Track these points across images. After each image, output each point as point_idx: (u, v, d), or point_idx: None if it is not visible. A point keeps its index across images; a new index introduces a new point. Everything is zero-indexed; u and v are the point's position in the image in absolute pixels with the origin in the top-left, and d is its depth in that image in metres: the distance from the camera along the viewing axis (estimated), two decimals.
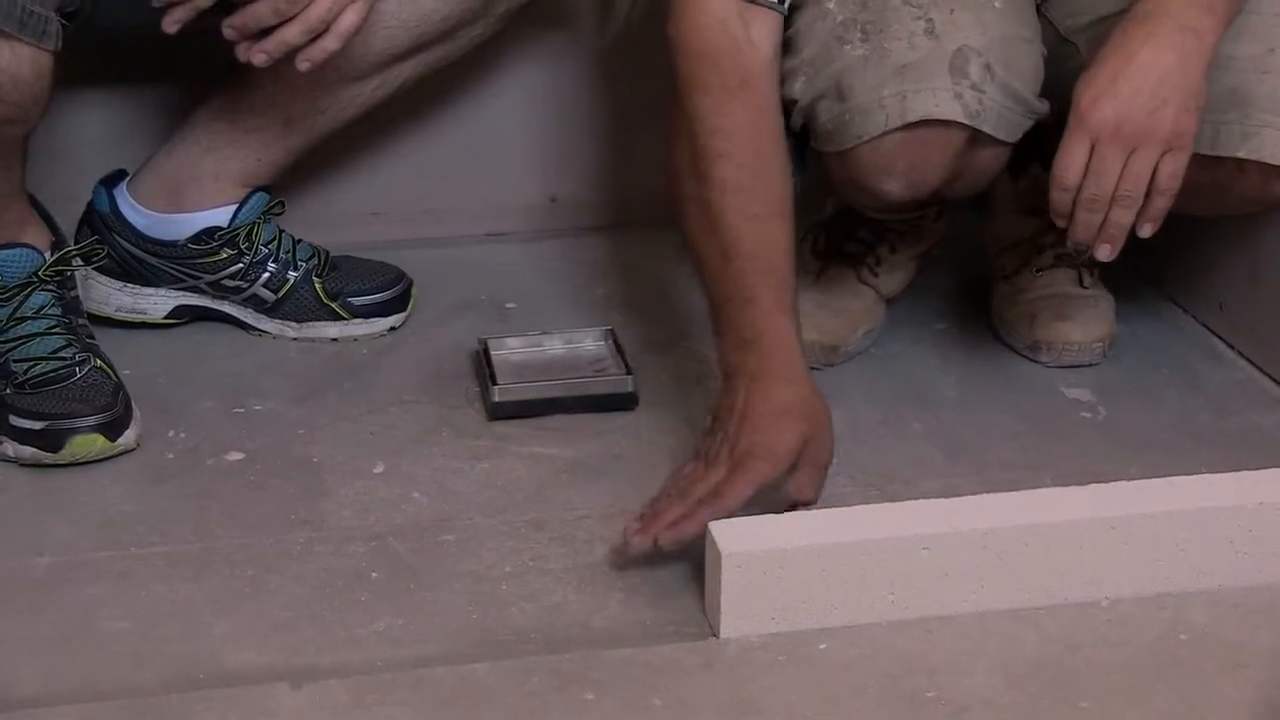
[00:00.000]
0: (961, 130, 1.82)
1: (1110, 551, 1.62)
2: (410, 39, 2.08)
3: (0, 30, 1.64)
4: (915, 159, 1.85)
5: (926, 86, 1.80)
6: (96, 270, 2.19)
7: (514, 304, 2.32)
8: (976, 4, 1.84)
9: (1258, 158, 1.78)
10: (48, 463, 1.89)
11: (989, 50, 1.81)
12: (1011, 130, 1.86)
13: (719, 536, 1.56)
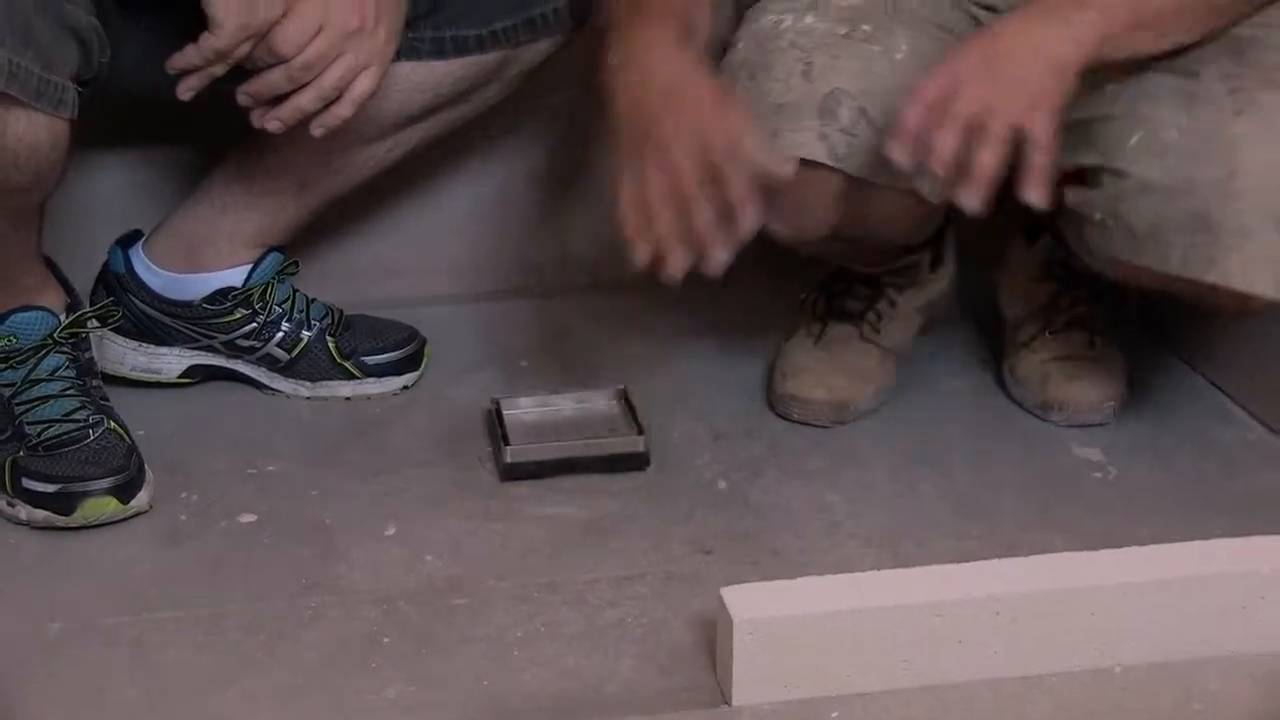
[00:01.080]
0: (835, 172, 1.84)
1: (1123, 618, 1.60)
2: (423, 102, 2.09)
3: (17, 100, 1.63)
4: (792, 198, 1.85)
5: (794, 126, 1.84)
6: (112, 330, 2.18)
7: (526, 362, 2.32)
8: (868, 52, 1.88)
9: (1225, 283, 1.78)
10: (60, 525, 1.89)
11: (868, 96, 1.84)
12: (904, 176, 1.84)
13: (731, 603, 1.55)
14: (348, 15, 1.83)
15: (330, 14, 1.82)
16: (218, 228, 2.18)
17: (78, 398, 1.95)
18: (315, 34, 1.81)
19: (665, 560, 1.84)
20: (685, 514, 1.94)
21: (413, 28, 1.96)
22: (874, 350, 2.20)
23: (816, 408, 2.14)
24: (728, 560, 1.83)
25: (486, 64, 2.09)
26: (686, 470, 2.04)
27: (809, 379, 2.16)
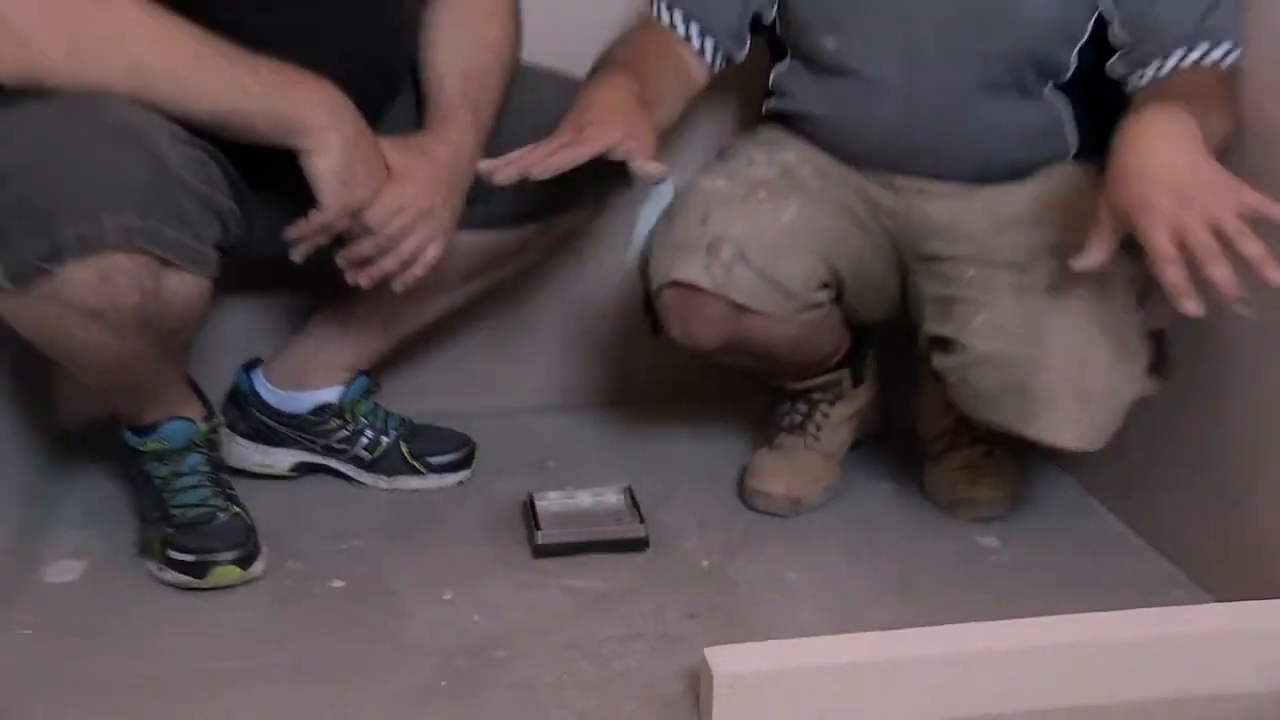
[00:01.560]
0: (716, 296, 1.88)
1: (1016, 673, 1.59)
2: (478, 264, 2.09)
3: (172, 263, 1.62)
4: (686, 314, 1.93)
5: (685, 259, 1.89)
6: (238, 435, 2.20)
7: (554, 463, 2.29)
8: (758, 211, 1.93)
9: (1039, 437, 1.82)
10: (195, 587, 1.88)
11: (749, 243, 1.89)
12: (779, 305, 1.92)
13: (712, 660, 1.54)
14: (421, 199, 1.82)
15: (407, 198, 1.81)
16: (319, 357, 2.18)
17: (211, 488, 1.95)
18: (396, 213, 1.81)
19: (661, 624, 1.83)
20: (676, 587, 1.93)
21: (470, 206, 1.93)
22: (817, 455, 2.18)
23: (776, 501, 2.13)
24: (710, 624, 1.82)
25: (525, 235, 2.09)
26: (677, 552, 2.02)
27: (769, 479, 2.15)
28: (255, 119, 1.68)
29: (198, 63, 1.63)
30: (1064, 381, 1.78)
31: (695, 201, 1.95)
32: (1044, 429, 1.80)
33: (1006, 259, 1.86)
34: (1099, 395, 1.79)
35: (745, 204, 1.94)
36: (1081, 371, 1.78)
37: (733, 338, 1.95)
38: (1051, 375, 1.78)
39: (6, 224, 1.55)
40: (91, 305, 1.59)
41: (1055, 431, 1.80)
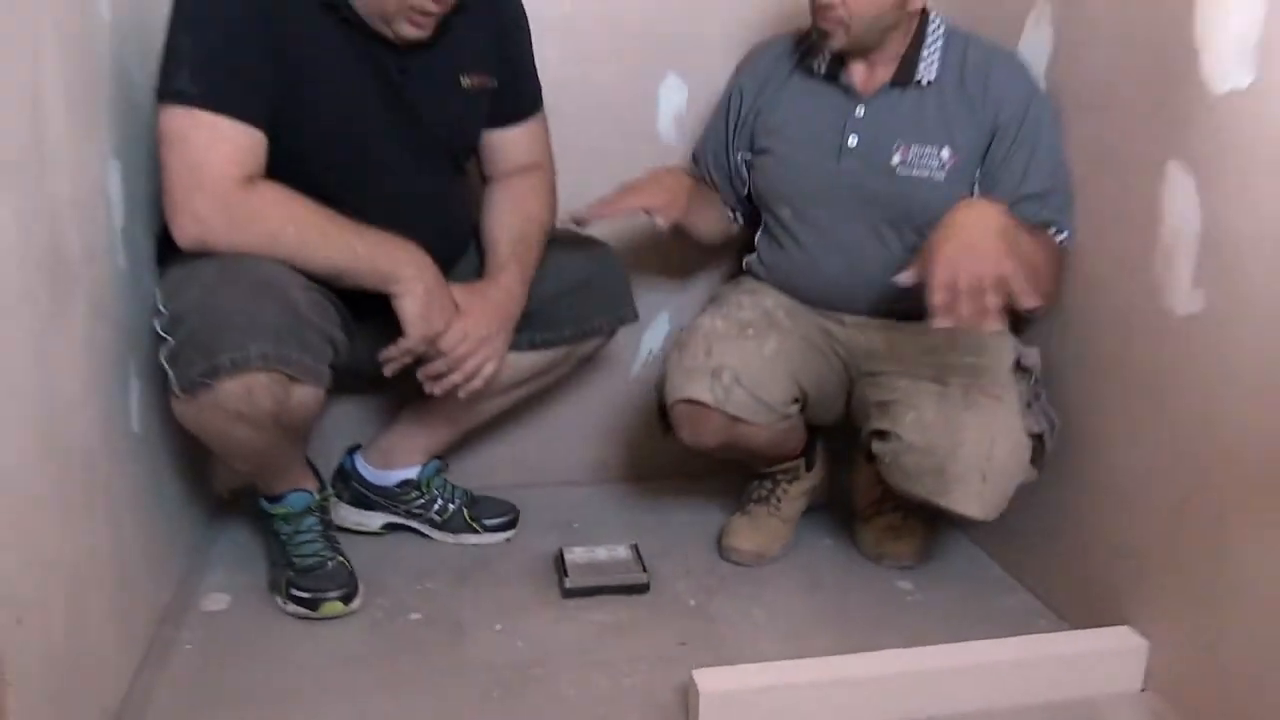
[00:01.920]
0: (715, 410, 1.92)
1: (932, 687, 1.63)
2: (522, 376, 2.10)
3: (298, 379, 1.67)
4: (694, 422, 1.96)
5: (695, 381, 1.93)
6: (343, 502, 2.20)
7: (578, 525, 2.29)
8: (748, 346, 1.96)
9: (950, 506, 1.83)
10: (310, 617, 1.89)
11: (741, 371, 1.93)
12: (764, 417, 1.96)
13: (698, 679, 1.58)
14: (481, 330, 1.86)
15: (471, 329, 1.85)
16: (403, 444, 2.19)
17: (322, 542, 1.97)
18: (462, 340, 1.84)
19: (659, 650, 1.83)
20: (671, 621, 1.93)
21: (518, 334, 1.97)
22: (777, 520, 2.18)
23: (745, 555, 2.13)
24: (696, 650, 1.82)
25: (559, 355, 2.10)
26: (671, 594, 2.02)
27: (740, 538, 2.15)
28: (361, 273, 1.74)
29: (319, 233, 1.69)
30: (972, 466, 1.81)
31: (699, 338, 1.98)
32: (955, 501, 1.82)
33: (929, 374, 1.90)
34: (997, 476, 1.81)
35: (738, 340, 1.97)
36: (986, 459, 1.81)
37: (728, 440, 1.99)
38: (963, 460, 1.81)
39: (182, 350, 1.61)
40: (238, 410, 1.64)
41: (964, 503, 1.82)
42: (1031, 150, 1.88)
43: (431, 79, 1.83)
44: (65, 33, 1.46)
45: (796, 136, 2.01)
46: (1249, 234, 1.49)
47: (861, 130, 1.96)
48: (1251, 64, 1.46)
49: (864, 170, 1.94)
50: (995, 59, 1.93)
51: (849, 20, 1.86)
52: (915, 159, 1.92)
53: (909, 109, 1.94)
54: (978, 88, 1.91)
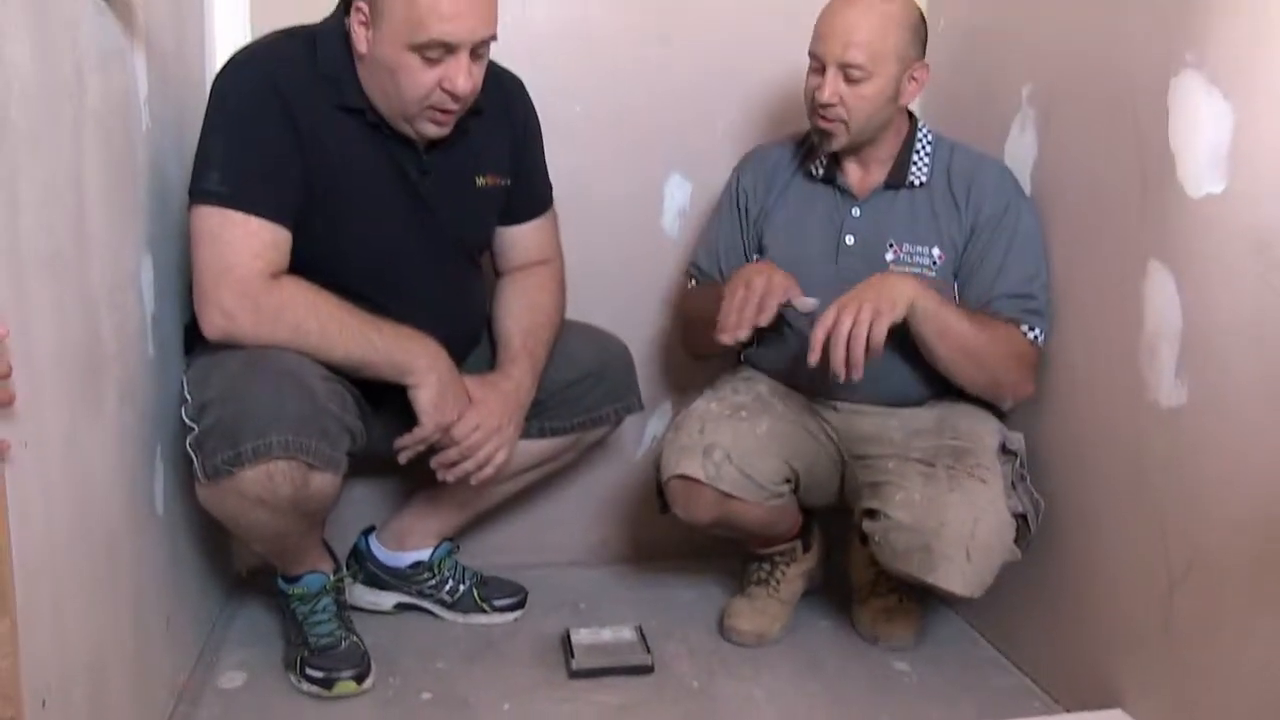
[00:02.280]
0: (708, 486, 1.94)
1: None
2: (531, 462, 2.11)
3: (316, 466, 1.68)
4: (687, 498, 1.97)
5: (687, 458, 1.95)
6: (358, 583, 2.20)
7: (584, 605, 2.29)
8: (740, 426, 1.98)
9: (936, 582, 1.83)
10: (324, 695, 1.89)
11: (733, 449, 1.95)
12: (754, 495, 1.97)
13: None
14: (492, 420, 1.88)
15: (482, 419, 1.87)
16: (415, 527, 2.20)
17: (337, 622, 1.97)
18: (474, 430, 1.87)
19: None
20: (675, 701, 1.93)
21: (528, 422, 1.99)
22: (776, 602, 2.19)
23: (745, 636, 2.13)
24: None
25: (566, 443, 2.12)
26: (675, 674, 2.01)
27: (741, 619, 2.15)
28: (378, 365, 1.77)
29: (340, 326, 1.73)
30: (956, 543, 1.81)
31: (694, 419, 2.01)
32: (940, 578, 1.82)
33: (918, 456, 1.92)
34: (980, 555, 1.82)
35: (731, 420, 2.00)
36: (970, 537, 1.81)
37: (720, 517, 2.00)
38: (947, 538, 1.81)
39: (207, 437, 1.64)
40: (259, 495, 1.67)
41: (949, 580, 1.82)
42: (1006, 251, 1.93)
43: (449, 178, 1.88)
44: (108, 137, 1.50)
45: (798, 236, 2.05)
46: (1228, 329, 1.52)
47: (858, 230, 2.00)
48: (1225, 171, 1.50)
49: (861, 267, 1.97)
50: (980, 164, 1.99)
51: (848, 118, 1.91)
52: (908, 256, 1.97)
53: (902, 209, 1.99)
54: (962, 189, 1.97)
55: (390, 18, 1.67)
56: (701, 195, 2.35)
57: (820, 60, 1.90)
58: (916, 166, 1.99)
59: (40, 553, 1.25)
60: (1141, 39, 1.67)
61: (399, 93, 1.72)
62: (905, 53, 1.90)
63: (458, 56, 1.70)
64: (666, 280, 2.41)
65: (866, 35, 1.87)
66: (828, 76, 1.89)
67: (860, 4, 1.88)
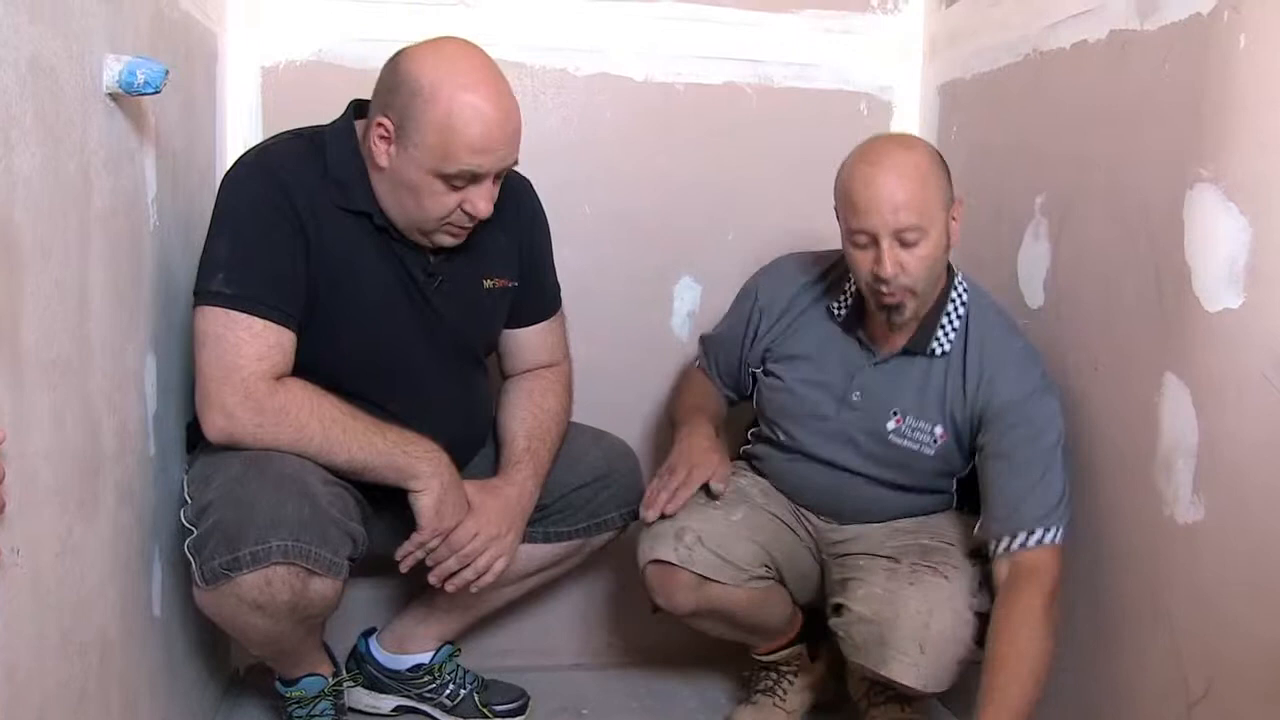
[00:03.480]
0: (681, 569, 1.91)
1: None
2: (535, 566, 2.08)
3: (316, 572, 1.66)
4: (664, 583, 1.94)
5: (660, 544, 1.93)
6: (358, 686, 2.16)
7: (587, 710, 2.25)
8: (711, 514, 1.96)
9: (889, 676, 1.81)
10: None
11: (703, 532, 1.93)
12: (731, 577, 1.94)
13: None
14: (492, 527, 1.85)
15: (482, 526, 1.84)
16: (416, 631, 2.16)
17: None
18: (474, 537, 1.84)
19: None
20: None
21: (531, 527, 1.96)
22: (782, 712, 2.14)
23: None
24: None
25: (571, 547, 2.08)
26: None
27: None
28: (380, 469, 1.74)
29: (343, 430, 1.70)
30: (910, 636, 1.79)
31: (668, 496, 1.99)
32: (894, 671, 1.80)
33: (888, 553, 1.90)
34: (935, 649, 1.79)
35: (704, 508, 1.97)
36: (924, 631, 1.79)
37: (702, 603, 1.96)
38: (901, 631, 1.80)
39: (205, 541, 1.61)
40: (257, 600, 1.63)
41: (902, 673, 1.80)
42: (1026, 463, 1.80)
43: (456, 282, 1.86)
44: (115, 238, 1.49)
45: (806, 376, 2.00)
46: (1245, 444, 1.48)
47: (866, 388, 1.94)
48: (1241, 286, 1.48)
49: (861, 425, 1.95)
50: (1004, 347, 1.88)
51: (914, 285, 1.79)
52: (909, 430, 1.93)
53: (915, 379, 1.92)
54: (975, 372, 1.87)
55: (419, 142, 1.67)
56: (711, 298, 2.34)
57: (869, 234, 1.77)
58: (942, 334, 1.89)
59: (28, 662, 1.21)
60: (1156, 150, 1.66)
61: (420, 211, 1.73)
62: (945, 196, 1.80)
63: (482, 183, 1.71)
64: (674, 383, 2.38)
65: (910, 194, 1.74)
66: (884, 248, 1.76)
67: (890, 165, 1.76)
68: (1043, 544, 1.76)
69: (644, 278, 2.35)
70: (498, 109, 1.67)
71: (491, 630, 2.37)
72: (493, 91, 1.68)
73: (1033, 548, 1.76)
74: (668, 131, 2.34)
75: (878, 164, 1.77)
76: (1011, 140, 2.09)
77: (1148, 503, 1.66)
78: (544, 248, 2.03)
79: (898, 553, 1.89)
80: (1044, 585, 1.74)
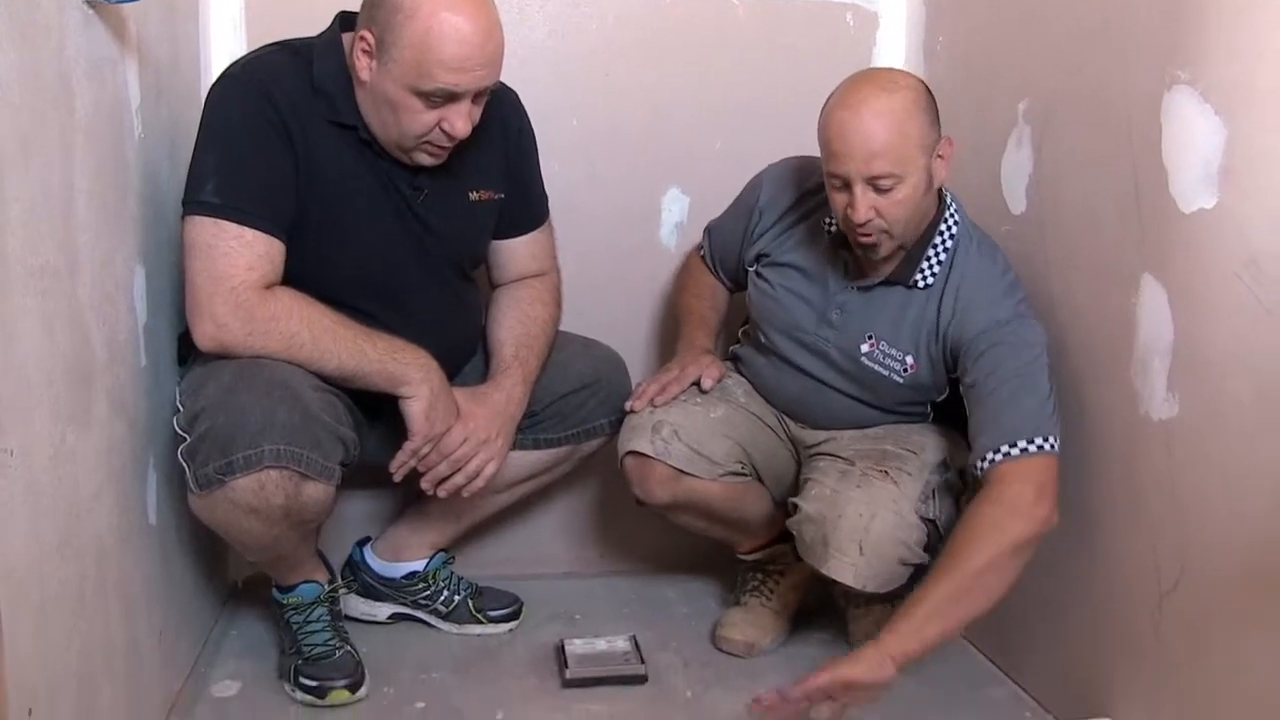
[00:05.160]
0: (657, 461, 1.95)
1: None
2: (525, 473, 2.10)
3: (309, 476, 1.67)
4: (641, 474, 1.99)
5: (637, 436, 1.97)
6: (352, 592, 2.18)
7: (579, 616, 2.27)
8: (690, 410, 2.00)
9: (828, 573, 1.87)
10: (317, 704, 1.88)
11: (680, 426, 1.97)
12: (707, 471, 1.98)
13: None
14: (481, 432, 1.87)
15: (472, 431, 1.86)
16: (410, 539, 2.18)
17: (331, 632, 1.96)
18: (463, 442, 1.85)
19: None
20: (668, 712, 1.91)
21: (521, 434, 1.98)
22: (770, 612, 2.16)
23: (736, 645, 2.11)
24: None
25: (561, 454, 2.10)
26: (668, 685, 2.00)
27: (733, 628, 2.13)
28: (370, 376, 1.75)
29: (333, 338, 1.71)
30: (849, 537, 1.83)
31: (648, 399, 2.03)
32: (832, 569, 1.85)
33: (846, 455, 1.93)
34: (874, 550, 1.83)
35: (684, 405, 2.01)
36: (864, 532, 1.83)
37: (678, 495, 2.00)
38: (841, 530, 1.84)
39: (199, 447, 1.63)
40: (251, 505, 1.65)
41: (840, 571, 1.85)
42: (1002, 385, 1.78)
43: (442, 195, 1.87)
44: (98, 145, 1.49)
45: (792, 287, 2.01)
46: (1219, 343, 1.50)
47: (846, 309, 1.95)
48: (1216, 186, 1.49)
49: (836, 342, 1.96)
50: (983, 278, 1.86)
51: (890, 227, 1.78)
52: (881, 356, 1.93)
53: (894, 307, 1.91)
54: (950, 303, 1.87)
55: (397, 58, 1.66)
56: (699, 209, 2.33)
57: (842, 179, 1.76)
58: (927, 266, 1.88)
59: (26, 562, 1.23)
60: (1135, 54, 1.65)
61: (398, 127, 1.72)
62: (927, 139, 1.76)
63: (460, 102, 1.70)
64: (664, 293, 2.39)
65: (886, 141, 1.71)
66: (856, 194, 1.74)
67: (868, 109, 1.72)
68: (1028, 453, 1.72)
69: (632, 190, 2.35)
70: (477, 29, 1.66)
71: (484, 541, 2.39)
72: (473, 11, 1.66)
73: (1017, 457, 1.72)
74: (655, 44, 2.32)
75: (854, 109, 1.73)
76: (995, 48, 2.08)
77: (1124, 401, 1.68)
78: (530, 160, 2.03)
79: (856, 456, 1.92)
80: (1034, 480, 1.70)
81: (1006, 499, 1.69)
